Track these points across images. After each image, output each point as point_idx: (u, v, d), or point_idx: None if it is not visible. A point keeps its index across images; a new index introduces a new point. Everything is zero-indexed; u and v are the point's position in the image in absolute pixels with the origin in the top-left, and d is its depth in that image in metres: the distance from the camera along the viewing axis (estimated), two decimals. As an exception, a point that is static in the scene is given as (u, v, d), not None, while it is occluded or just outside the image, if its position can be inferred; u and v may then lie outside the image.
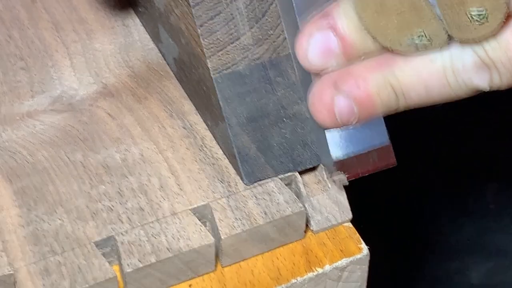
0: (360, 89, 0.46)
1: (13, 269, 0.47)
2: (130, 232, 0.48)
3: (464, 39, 0.44)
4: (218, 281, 0.49)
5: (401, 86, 0.46)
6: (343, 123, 0.47)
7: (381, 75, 0.46)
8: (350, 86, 0.46)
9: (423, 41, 0.44)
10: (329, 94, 0.46)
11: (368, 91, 0.46)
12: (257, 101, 0.51)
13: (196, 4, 0.50)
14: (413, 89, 0.46)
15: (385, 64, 0.46)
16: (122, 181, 0.51)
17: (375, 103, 0.46)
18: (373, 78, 0.46)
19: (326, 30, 0.46)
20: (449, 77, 0.45)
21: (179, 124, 0.55)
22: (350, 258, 0.50)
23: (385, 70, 0.46)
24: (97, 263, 0.47)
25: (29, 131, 0.55)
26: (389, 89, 0.46)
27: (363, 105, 0.46)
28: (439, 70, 0.45)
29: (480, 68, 0.44)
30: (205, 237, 0.48)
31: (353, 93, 0.46)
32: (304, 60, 0.47)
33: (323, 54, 0.46)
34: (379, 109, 0.47)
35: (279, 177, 0.51)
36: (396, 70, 0.45)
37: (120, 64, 0.59)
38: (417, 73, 0.45)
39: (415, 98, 0.46)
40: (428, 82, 0.45)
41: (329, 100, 0.46)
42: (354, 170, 0.49)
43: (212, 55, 0.50)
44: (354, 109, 0.46)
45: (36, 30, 0.62)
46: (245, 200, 0.50)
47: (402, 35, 0.44)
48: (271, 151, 0.51)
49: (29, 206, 0.50)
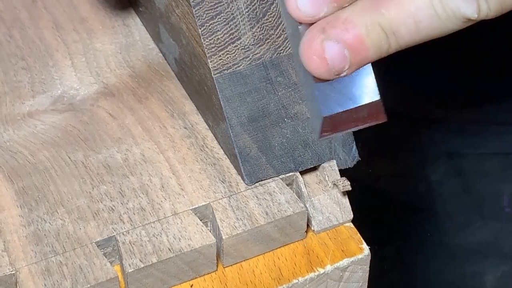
0: (349, 32, 0.45)
1: (15, 269, 0.47)
2: (132, 232, 0.48)
3: None
4: (219, 281, 0.49)
5: (390, 23, 0.45)
6: (336, 69, 0.46)
7: (369, 16, 0.45)
8: (339, 30, 0.45)
9: None
10: (319, 40, 0.46)
11: (357, 33, 0.45)
12: (258, 101, 0.51)
13: (197, 4, 0.50)
14: (402, 25, 0.45)
15: (372, 5, 0.45)
16: (123, 181, 0.51)
17: (366, 45, 0.46)
18: (361, 20, 0.45)
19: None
20: (437, 7, 0.45)
21: (180, 124, 0.55)
22: (351, 258, 0.50)
23: (373, 10, 0.45)
24: (98, 263, 0.47)
25: (30, 131, 0.55)
26: (378, 29, 0.45)
27: (354, 48, 0.46)
28: (426, 1, 0.45)
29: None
30: (206, 237, 0.48)
31: (343, 37, 0.45)
32: (295, 10, 0.46)
33: (313, 2, 0.46)
34: (371, 51, 0.46)
35: (280, 177, 0.51)
36: (383, 8, 0.45)
37: (121, 64, 0.59)
38: (404, 8, 0.45)
39: (406, 35, 0.46)
40: (416, 15, 0.45)
41: (319, 46, 0.46)
42: (344, 126, 0.49)
43: (213, 55, 0.50)
44: (345, 53, 0.46)
45: (37, 30, 0.62)
46: (246, 200, 0.50)
47: None
48: (272, 151, 0.51)
49: (30, 206, 0.50)
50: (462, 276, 0.89)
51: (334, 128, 0.49)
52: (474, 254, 0.89)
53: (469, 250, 0.89)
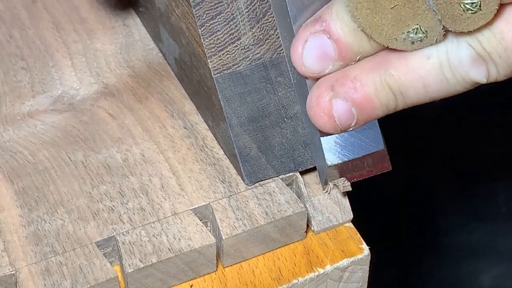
0: (358, 91, 0.46)
1: (15, 269, 0.47)
2: (131, 232, 0.48)
3: (459, 30, 0.43)
4: (219, 281, 0.49)
5: (399, 85, 0.45)
6: (342, 126, 0.47)
7: (378, 75, 0.45)
8: (348, 88, 0.46)
9: (418, 35, 0.44)
10: (327, 98, 0.46)
11: (366, 93, 0.46)
12: (258, 101, 0.51)
13: (197, 4, 0.50)
14: (411, 87, 0.45)
15: (381, 64, 0.45)
16: (123, 181, 0.51)
17: (374, 105, 0.46)
18: (370, 79, 0.45)
19: (320, 34, 0.46)
20: (446, 72, 0.45)
21: (180, 124, 0.55)
22: (351, 258, 0.50)
23: (382, 70, 0.45)
24: (98, 263, 0.47)
25: (30, 131, 0.55)
26: (387, 90, 0.46)
27: (362, 107, 0.46)
28: (436, 66, 0.45)
29: (476, 61, 0.44)
30: (206, 237, 0.48)
31: (351, 95, 0.46)
32: (300, 66, 0.47)
33: (319, 59, 0.46)
34: (378, 110, 0.46)
35: (280, 177, 0.51)
36: (392, 69, 0.45)
37: (121, 64, 0.59)
38: (413, 71, 0.45)
39: (414, 96, 0.46)
40: (425, 79, 0.45)
41: (327, 103, 0.46)
42: (349, 175, 0.49)
43: (213, 55, 0.50)
44: (352, 111, 0.46)
45: (37, 30, 0.62)
46: (246, 200, 0.50)
47: (397, 30, 0.44)
48: (272, 151, 0.51)
49: (30, 206, 0.50)
50: (457, 276, 0.90)
51: (340, 175, 0.49)
52: (469, 254, 0.89)
53: (464, 250, 0.89)
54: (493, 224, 0.89)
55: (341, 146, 0.49)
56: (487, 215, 0.89)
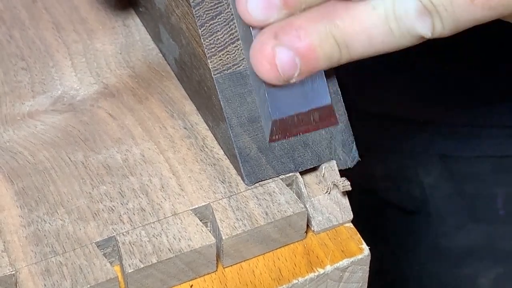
0: (302, 40, 0.45)
1: (15, 270, 0.47)
2: (131, 233, 0.48)
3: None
4: (219, 281, 0.49)
5: (344, 36, 0.44)
6: (285, 76, 0.45)
7: (323, 25, 0.44)
8: (292, 37, 0.45)
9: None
10: (270, 46, 0.45)
11: (310, 43, 0.45)
12: (258, 101, 0.51)
13: (197, 4, 0.50)
14: (356, 39, 0.44)
15: (326, 14, 0.44)
16: (123, 182, 0.51)
17: (317, 55, 0.45)
18: (315, 29, 0.44)
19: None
20: (392, 24, 0.44)
21: (180, 124, 0.55)
22: (351, 258, 0.50)
23: (327, 20, 0.44)
24: (98, 264, 0.47)
25: (30, 132, 0.55)
26: (331, 40, 0.44)
27: (305, 57, 0.45)
28: (381, 17, 0.44)
29: (422, 14, 0.43)
30: (206, 238, 0.48)
31: (295, 44, 0.45)
32: (245, 14, 0.46)
33: (264, 6, 0.45)
34: (322, 62, 0.45)
35: (280, 177, 0.51)
36: (337, 20, 0.44)
37: (121, 64, 0.59)
38: (359, 22, 0.44)
39: (358, 48, 0.45)
40: (370, 30, 0.44)
41: (270, 51, 0.45)
42: (295, 130, 0.49)
43: (213, 55, 0.50)
44: (296, 61, 0.45)
45: (37, 30, 0.62)
46: (246, 201, 0.50)
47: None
48: (272, 152, 0.51)
49: (30, 206, 0.50)
50: (456, 278, 0.89)
51: (284, 132, 0.48)
52: (468, 257, 0.89)
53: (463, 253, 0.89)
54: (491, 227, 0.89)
55: (287, 100, 0.47)
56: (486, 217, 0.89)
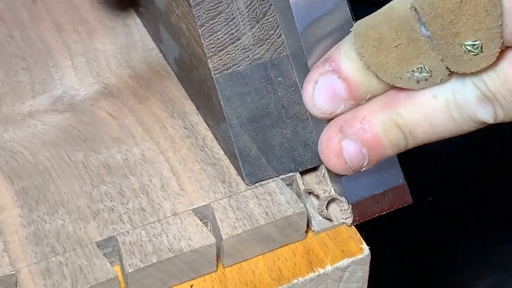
0: (367, 131, 0.46)
1: (15, 270, 0.47)
2: (132, 233, 0.48)
3: (461, 71, 0.43)
4: (219, 281, 0.49)
5: (407, 124, 0.45)
6: (354, 167, 0.47)
7: (386, 115, 0.45)
8: (357, 129, 0.46)
9: (423, 74, 0.44)
10: (336, 139, 0.46)
11: (375, 133, 0.45)
12: (258, 101, 0.51)
13: (197, 4, 0.50)
14: (418, 127, 0.45)
15: (389, 104, 0.45)
16: (123, 181, 0.51)
17: (383, 144, 0.46)
18: (379, 119, 0.45)
19: (330, 74, 0.46)
20: (453, 112, 0.44)
21: (180, 124, 0.55)
22: (351, 258, 0.49)
23: (390, 110, 0.45)
24: (98, 263, 0.47)
25: (31, 131, 0.55)
26: (396, 129, 0.45)
27: (372, 147, 0.46)
28: (442, 105, 0.44)
29: (482, 102, 0.44)
30: (206, 238, 0.48)
31: (360, 136, 0.46)
32: (312, 107, 0.47)
33: (330, 99, 0.46)
34: (389, 149, 0.46)
35: (280, 177, 0.51)
36: (400, 109, 0.45)
37: (121, 64, 0.59)
38: (421, 110, 0.45)
39: (422, 135, 0.46)
40: (432, 118, 0.45)
41: (337, 145, 0.46)
42: (370, 210, 0.49)
43: (213, 55, 0.50)
44: (363, 152, 0.46)
45: (37, 31, 0.62)
46: (246, 201, 0.50)
47: (401, 69, 0.44)
48: (272, 152, 0.51)
49: (30, 206, 0.50)
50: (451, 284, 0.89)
51: (361, 214, 0.49)
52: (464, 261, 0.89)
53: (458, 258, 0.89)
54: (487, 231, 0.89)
55: (362, 182, 0.48)
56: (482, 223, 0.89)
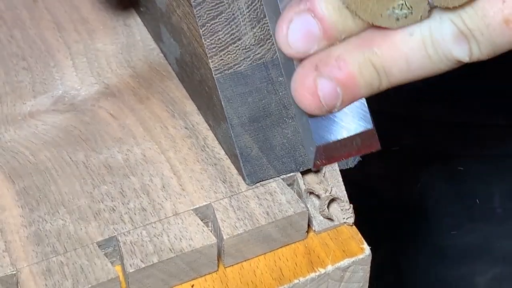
0: (342, 70, 0.45)
1: (16, 269, 0.47)
2: (133, 233, 0.48)
3: (444, 5, 0.43)
4: (220, 281, 0.49)
5: (382, 63, 0.45)
6: (328, 106, 0.46)
7: (361, 54, 0.45)
8: (332, 67, 0.45)
9: (403, 11, 0.44)
10: (311, 78, 0.45)
11: (350, 71, 0.45)
12: (259, 101, 0.51)
13: (198, 4, 0.50)
14: (394, 65, 0.45)
15: (364, 42, 0.45)
16: (124, 181, 0.51)
17: (358, 83, 0.45)
18: (354, 58, 0.45)
19: (305, 14, 0.45)
20: (429, 49, 0.44)
21: (181, 124, 0.55)
22: (352, 258, 0.50)
23: (365, 48, 0.45)
24: (99, 263, 0.47)
25: (31, 131, 0.55)
26: (371, 68, 0.45)
27: (346, 86, 0.45)
28: (418, 43, 0.44)
29: (458, 39, 0.43)
30: (207, 237, 0.48)
31: (335, 74, 0.45)
32: (285, 46, 0.46)
33: (304, 38, 0.46)
34: (363, 89, 0.46)
35: (281, 177, 0.51)
36: (375, 47, 0.45)
37: (122, 64, 0.59)
38: (397, 48, 0.45)
39: (397, 74, 0.45)
40: (408, 56, 0.44)
41: (312, 83, 0.46)
42: (338, 155, 0.49)
43: (214, 55, 0.50)
44: (337, 91, 0.46)
45: (38, 30, 0.62)
46: (247, 200, 0.50)
47: (382, 6, 0.44)
48: (273, 151, 0.51)
49: (31, 206, 0.50)
50: (453, 277, 0.89)
51: (327, 157, 0.49)
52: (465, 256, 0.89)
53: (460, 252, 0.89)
54: (488, 226, 0.89)
55: (329, 126, 0.48)
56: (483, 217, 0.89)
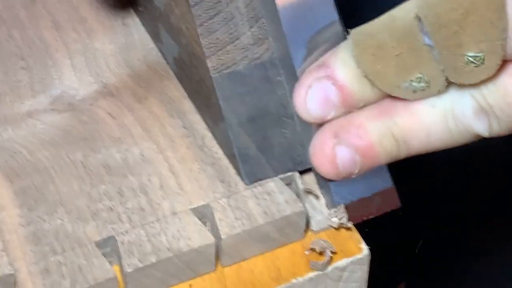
0: (362, 138, 0.45)
1: (14, 269, 0.47)
2: (131, 232, 0.48)
3: (461, 82, 0.43)
4: (218, 281, 0.49)
5: (403, 133, 0.45)
6: (346, 173, 0.46)
7: (382, 123, 0.45)
8: (352, 135, 0.45)
9: (421, 85, 0.44)
10: (331, 145, 0.46)
11: (370, 141, 0.45)
12: (257, 101, 0.51)
13: (196, 3, 0.50)
14: (414, 136, 0.45)
15: (385, 112, 0.45)
16: (122, 181, 0.51)
17: (377, 152, 0.45)
18: (374, 127, 0.45)
19: (324, 80, 0.45)
20: (450, 122, 0.44)
21: (180, 123, 0.55)
22: (350, 258, 0.49)
23: (386, 118, 0.45)
24: (97, 263, 0.47)
25: (30, 131, 0.55)
26: (391, 138, 0.45)
27: (365, 154, 0.46)
28: (439, 115, 0.44)
29: (479, 114, 0.44)
30: (205, 237, 0.48)
31: (355, 143, 0.45)
32: (303, 112, 0.46)
33: (322, 105, 0.46)
34: (382, 158, 0.46)
35: (280, 177, 0.51)
36: (396, 117, 0.45)
37: (120, 64, 0.59)
38: (418, 120, 0.45)
39: (416, 145, 0.45)
40: (429, 128, 0.45)
41: (330, 150, 0.46)
42: (358, 214, 0.49)
43: (212, 54, 0.50)
44: (356, 159, 0.46)
45: (37, 30, 0.62)
46: (245, 200, 0.50)
47: (400, 79, 0.44)
48: (272, 151, 0.51)
49: (29, 206, 0.50)
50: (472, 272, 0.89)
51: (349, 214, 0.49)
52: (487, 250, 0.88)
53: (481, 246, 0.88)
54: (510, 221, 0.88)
55: (350, 185, 0.48)
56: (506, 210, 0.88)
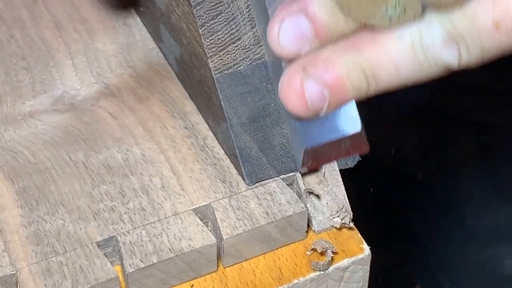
0: (330, 72, 0.44)
1: (15, 269, 0.47)
2: (132, 232, 0.48)
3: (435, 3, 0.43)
4: (220, 281, 0.49)
5: (371, 66, 0.44)
6: (314, 109, 0.45)
7: (350, 56, 0.44)
8: (320, 70, 0.44)
9: (397, 12, 0.43)
10: (299, 79, 0.45)
11: (338, 74, 0.44)
12: (258, 101, 0.51)
13: (198, 4, 0.50)
14: (382, 69, 0.44)
15: (353, 45, 0.44)
16: (123, 181, 0.51)
17: (345, 87, 0.45)
18: (342, 61, 0.44)
19: (297, 14, 0.45)
20: (419, 53, 0.44)
21: (181, 124, 0.55)
22: (352, 258, 0.50)
23: (354, 51, 0.44)
24: (99, 263, 0.47)
25: (31, 131, 0.55)
26: (359, 71, 0.44)
27: (334, 89, 0.45)
28: (408, 46, 0.43)
29: (448, 43, 0.43)
30: (207, 237, 0.48)
31: (323, 77, 0.44)
32: (276, 46, 0.46)
33: (295, 39, 0.45)
34: (350, 93, 0.45)
35: (281, 177, 0.51)
36: (364, 50, 0.44)
37: (121, 64, 0.59)
38: (386, 52, 0.44)
39: (386, 79, 0.45)
40: (397, 60, 0.44)
41: (299, 85, 0.45)
42: (326, 157, 0.49)
43: (214, 55, 0.50)
44: (325, 94, 0.45)
45: (38, 30, 0.62)
46: (246, 200, 0.50)
47: (375, 6, 0.43)
48: (273, 151, 0.51)
49: (31, 206, 0.50)
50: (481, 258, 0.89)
51: (316, 160, 0.48)
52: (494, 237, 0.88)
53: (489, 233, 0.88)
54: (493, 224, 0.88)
55: (318, 128, 0.48)
56: None
